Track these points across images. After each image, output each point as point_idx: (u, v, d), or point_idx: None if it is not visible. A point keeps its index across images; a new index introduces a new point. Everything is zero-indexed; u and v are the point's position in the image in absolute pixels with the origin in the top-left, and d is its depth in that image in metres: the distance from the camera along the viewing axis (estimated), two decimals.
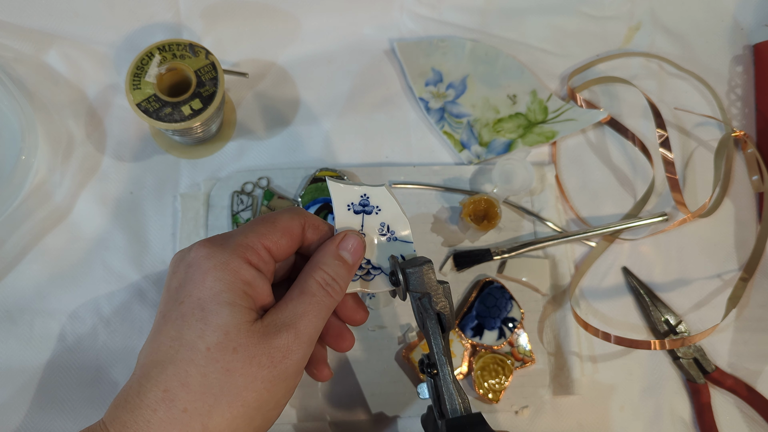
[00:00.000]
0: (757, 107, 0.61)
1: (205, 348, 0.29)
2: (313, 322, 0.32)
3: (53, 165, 0.54)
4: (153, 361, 0.30)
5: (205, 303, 0.30)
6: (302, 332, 0.32)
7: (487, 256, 0.53)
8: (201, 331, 0.30)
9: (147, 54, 0.48)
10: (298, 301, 0.32)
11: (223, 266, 0.31)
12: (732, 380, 0.52)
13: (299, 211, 0.36)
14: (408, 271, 0.35)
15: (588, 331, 0.50)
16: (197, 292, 0.31)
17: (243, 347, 0.30)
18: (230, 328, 0.30)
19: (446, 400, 0.34)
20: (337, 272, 0.34)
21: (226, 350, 0.30)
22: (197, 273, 0.31)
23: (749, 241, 0.57)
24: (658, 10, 0.64)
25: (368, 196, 0.37)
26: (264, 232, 0.33)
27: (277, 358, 0.31)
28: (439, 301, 0.36)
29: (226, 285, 0.31)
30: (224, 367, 0.29)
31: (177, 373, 0.29)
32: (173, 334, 0.30)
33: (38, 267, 0.51)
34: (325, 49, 0.60)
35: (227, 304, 0.30)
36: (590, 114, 0.58)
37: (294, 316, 0.32)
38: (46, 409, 0.48)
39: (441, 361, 0.35)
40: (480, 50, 0.60)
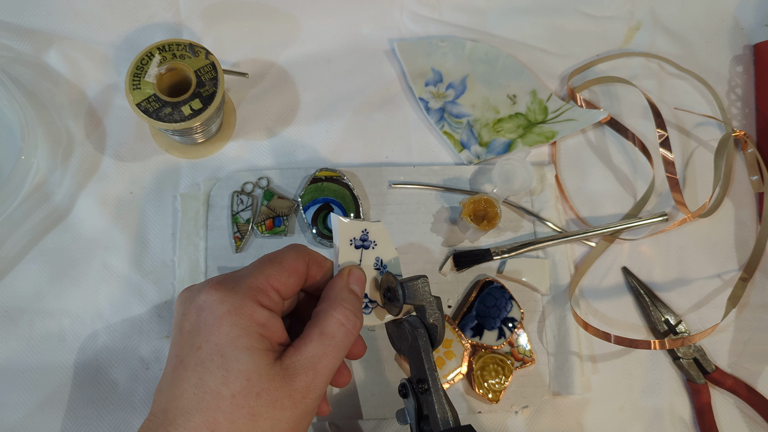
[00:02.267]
0: (757, 107, 0.61)
1: (230, 395, 0.30)
2: (331, 363, 0.33)
3: (53, 165, 0.54)
4: (177, 407, 0.31)
5: (224, 349, 0.31)
6: (321, 372, 0.33)
7: (487, 256, 0.53)
8: (224, 378, 0.30)
9: (147, 54, 0.48)
10: (318, 342, 0.33)
11: (237, 311, 0.32)
12: (732, 380, 0.52)
13: (303, 250, 0.37)
14: (405, 284, 0.37)
15: (588, 331, 0.50)
16: (214, 338, 0.31)
17: (266, 392, 0.31)
18: (252, 373, 0.31)
19: (438, 415, 0.36)
20: (355, 306, 0.35)
21: (250, 396, 0.30)
22: (211, 318, 0.32)
23: (749, 241, 0.57)
24: (658, 10, 0.64)
25: (368, 231, 0.38)
26: (272, 274, 0.34)
27: (297, 399, 0.31)
28: (432, 314, 0.38)
29: (243, 330, 0.31)
30: (250, 412, 0.30)
31: (206, 420, 0.30)
32: (195, 381, 0.31)
33: (38, 267, 0.51)
34: (325, 49, 0.60)
35: (246, 349, 0.31)
36: (590, 114, 0.58)
37: (314, 357, 0.33)
38: (46, 409, 0.48)
39: (432, 376, 0.37)
40: (480, 50, 0.60)
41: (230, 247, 0.52)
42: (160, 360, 0.50)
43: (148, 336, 0.50)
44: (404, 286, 0.37)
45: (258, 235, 0.53)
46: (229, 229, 0.53)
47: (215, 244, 0.52)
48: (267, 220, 0.53)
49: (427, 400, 0.37)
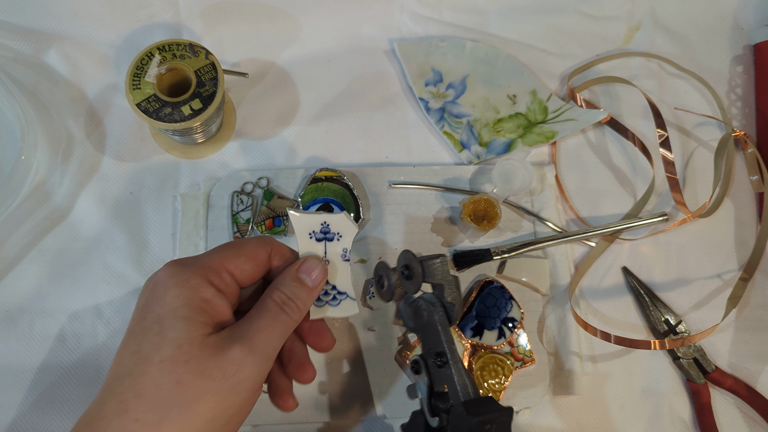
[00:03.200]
0: (757, 107, 0.61)
1: (159, 360, 0.30)
2: (268, 337, 0.33)
3: (53, 165, 0.54)
4: (114, 374, 0.31)
5: (163, 318, 0.31)
6: (257, 346, 0.32)
7: (487, 256, 0.53)
8: (157, 345, 0.31)
9: (147, 54, 0.48)
10: (255, 317, 0.33)
11: (183, 283, 0.32)
12: (732, 380, 0.52)
13: (267, 239, 0.37)
14: (425, 263, 0.37)
15: (588, 331, 0.50)
16: (157, 308, 0.32)
17: (195, 359, 0.30)
18: (183, 341, 0.31)
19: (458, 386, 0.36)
20: (294, 293, 0.35)
21: (178, 362, 0.30)
22: (160, 290, 0.32)
23: (749, 241, 0.57)
24: (658, 10, 0.64)
25: (328, 223, 0.38)
26: (228, 256, 0.35)
27: (229, 371, 0.31)
28: (451, 293, 0.38)
29: (184, 300, 0.32)
30: (176, 378, 0.30)
31: (132, 384, 0.30)
32: (133, 347, 0.31)
33: (38, 267, 0.51)
34: (325, 49, 0.60)
35: (183, 319, 0.31)
36: (590, 114, 0.58)
37: (249, 330, 0.32)
38: (45, 409, 0.48)
39: (452, 349, 0.37)
40: (480, 50, 0.60)
41: None
42: None
43: None
44: (424, 265, 0.37)
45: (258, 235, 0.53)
46: (229, 229, 0.53)
47: (215, 244, 0.52)
48: (267, 220, 0.53)
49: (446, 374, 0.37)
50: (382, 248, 0.53)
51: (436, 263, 0.38)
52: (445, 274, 0.38)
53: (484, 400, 0.36)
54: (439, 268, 0.38)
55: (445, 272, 0.38)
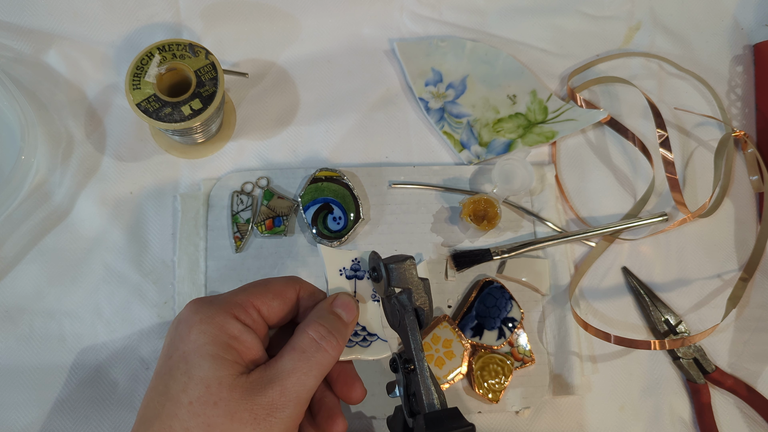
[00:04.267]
0: (757, 107, 0.61)
1: (187, 402, 0.29)
2: (302, 380, 0.31)
3: (53, 165, 0.54)
4: (142, 417, 0.30)
5: (189, 356, 0.30)
6: (289, 389, 0.30)
7: (487, 256, 0.53)
8: (184, 385, 0.30)
9: (147, 54, 0.48)
10: (288, 357, 0.31)
11: (208, 320, 0.31)
12: (732, 380, 0.52)
13: (294, 278, 0.36)
14: (390, 267, 0.36)
15: (588, 331, 0.50)
16: (183, 346, 0.31)
17: (224, 402, 0.29)
18: (211, 381, 0.30)
19: (423, 395, 0.34)
20: (333, 325, 0.33)
21: (207, 404, 0.29)
22: (184, 328, 0.31)
23: (749, 241, 0.57)
24: (658, 10, 0.64)
25: (359, 260, 0.37)
26: (255, 293, 0.33)
27: (260, 416, 0.29)
28: (419, 297, 0.36)
29: (210, 338, 0.31)
30: (205, 422, 0.29)
31: (162, 428, 0.29)
32: (161, 389, 0.30)
33: (38, 267, 0.51)
34: (325, 49, 0.60)
35: (210, 357, 0.30)
36: (590, 114, 0.58)
37: (282, 372, 0.31)
38: (45, 409, 0.48)
39: (419, 356, 0.35)
40: (480, 50, 0.60)
41: (230, 247, 0.52)
42: None
43: (148, 336, 0.50)
44: (389, 269, 0.35)
45: (258, 235, 0.53)
46: (229, 229, 0.53)
47: (215, 244, 0.52)
48: (267, 220, 0.53)
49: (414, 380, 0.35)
50: (382, 248, 0.53)
51: (401, 267, 0.36)
52: (412, 278, 0.36)
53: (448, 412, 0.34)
54: (404, 273, 0.36)
55: (412, 276, 0.36)
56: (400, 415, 0.38)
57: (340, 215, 0.53)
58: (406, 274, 0.36)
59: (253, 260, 0.52)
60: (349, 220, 0.53)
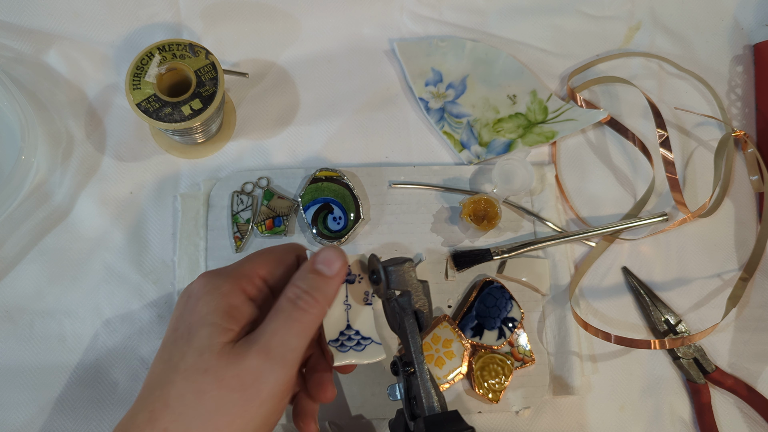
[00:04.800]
0: (757, 107, 0.61)
1: (183, 369, 0.30)
2: (284, 340, 0.31)
3: (53, 165, 0.54)
4: (146, 384, 0.31)
5: (192, 325, 0.31)
6: (274, 351, 0.30)
7: (487, 256, 0.53)
8: (183, 353, 0.30)
9: (147, 54, 0.48)
10: (268, 320, 0.32)
11: (214, 290, 0.32)
12: (732, 380, 0.52)
13: (295, 244, 0.37)
14: (389, 269, 0.36)
15: (588, 331, 0.50)
16: (189, 317, 0.32)
17: (213, 369, 0.30)
18: (204, 349, 0.30)
19: (423, 398, 0.35)
20: (310, 284, 0.33)
21: (198, 371, 0.30)
22: (193, 300, 0.32)
23: (749, 241, 0.57)
24: (658, 10, 0.64)
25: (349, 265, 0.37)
26: (259, 262, 0.34)
27: (247, 381, 0.29)
28: (418, 299, 0.37)
29: (213, 307, 0.31)
30: (197, 388, 0.29)
31: (161, 395, 0.30)
32: (165, 357, 0.31)
33: (38, 267, 0.51)
34: (325, 49, 0.60)
35: (209, 326, 0.31)
36: (590, 114, 0.58)
37: (264, 335, 0.31)
38: (46, 409, 0.48)
39: (419, 359, 0.36)
40: (480, 50, 0.60)
41: (230, 247, 0.52)
42: None
43: (148, 336, 0.50)
44: (388, 272, 0.36)
45: (258, 235, 0.53)
46: (229, 229, 0.53)
47: (215, 244, 0.52)
48: (267, 220, 0.53)
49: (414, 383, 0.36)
50: (382, 248, 0.53)
51: (400, 270, 0.36)
52: (411, 280, 0.36)
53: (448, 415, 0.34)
54: (404, 275, 0.36)
55: (411, 278, 0.36)
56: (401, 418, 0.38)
57: (340, 215, 0.53)
58: (405, 276, 0.36)
59: None
60: (349, 220, 0.53)
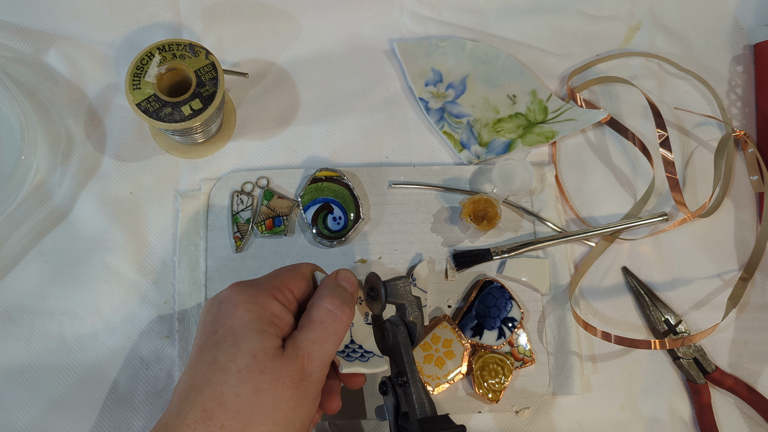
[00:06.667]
0: (758, 107, 0.61)
1: (236, 370, 0.33)
2: (324, 347, 0.35)
3: (53, 165, 0.54)
4: (191, 386, 0.33)
5: (236, 330, 0.34)
6: (315, 356, 0.35)
7: (487, 256, 0.53)
8: (233, 355, 0.33)
9: (147, 54, 0.48)
10: (310, 328, 0.36)
11: (252, 299, 0.35)
12: (732, 380, 0.52)
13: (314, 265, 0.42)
14: (388, 283, 0.40)
15: (588, 330, 0.50)
16: (229, 322, 0.34)
17: (269, 369, 0.33)
18: (258, 351, 0.33)
19: (415, 403, 0.38)
20: (343, 296, 0.37)
21: (254, 371, 0.33)
22: (229, 306, 0.35)
23: (749, 241, 0.57)
24: (658, 10, 0.64)
25: None
26: (287, 276, 0.38)
27: (296, 380, 0.34)
28: (412, 312, 0.40)
29: (255, 315, 0.35)
30: (254, 387, 0.32)
31: (213, 394, 0.32)
32: (209, 359, 0.34)
33: (38, 267, 0.51)
34: (325, 49, 0.60)
35: (256, 331, 0.34)
36: (590, 114, 0.58)
37: (307, 342, 0.35)
38: (46, 409, 0.48)
39: (412, 368, 0.39)
40: (480, 50, 0.60)
41: (230, 247, 0.52)
42: (160, 360, 0.50)
43: (148, 336, 0.50)
44: (387, 286, 0.40)
45: (258, 234, 0.53)
46: (229, 229, 0.53)
47: (215, 244, 0.52)
48: (267, 219, 0.53)
49: (406, 392, 0.39)
50: (382, 248, 0.53)
51: (398, 284, 0.40)
52: (407, 294, 0.40)
53: (440, 418, 0.38)
54: (401, 289, 0.40)
55: (407, 292, 0.40)
56: None
57: (340, 215, 0.53)
58: (401, 290, 0.40)
59: (253, 260, 0.52)
60: (349, 220, 0.53)
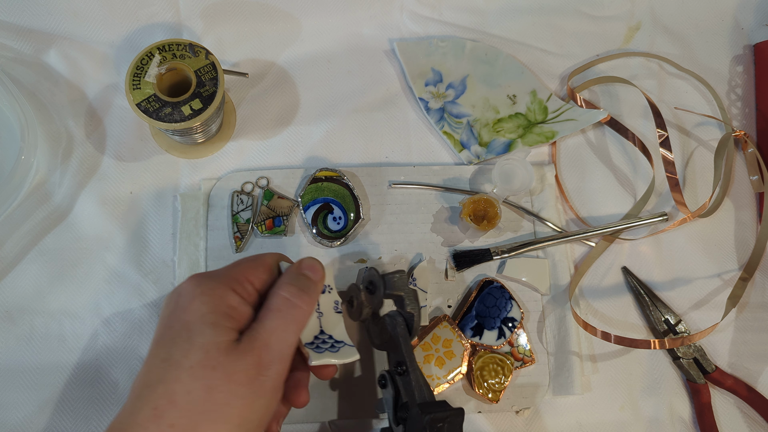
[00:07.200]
0: (757, 107, 0.61)
1: (189, 366, 0.31)
2: (282, 337, 0.34)
3: (53, 165, 0.54)
4: (143, 382, 0.32)
5: (191, 324, 0.32)
6: (273, 348, 0.33)
7: (487, 256, 0.53)
8: (186, 351, 0.32)
9: (147, 54, 0.48)
10: (267, 318, 0.34)
11: (209, 292, 0.34)
12: (732, 380, 0.52)
13: (278, 254, 0.40)
14: (386, 276, 0.41)
15: (588, 330, 0.50)
16: (185, 316, 0.33)
17: (222, 365, 0.31)
18: (210, 347, 0.32)
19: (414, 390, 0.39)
20: (303, 284, 0.36)
21: (206, 368, 0.31)
22: (186, 299, 0.34)
23: (749, 241, 0.57)
24: (658, 10, 0.64)
25: None
26: (248, 268, 0.37)
27: (252, 375, 0.32)
28: (410, 303, 0.41)
29: (211, 307, 0.33)
30: (206, 384, 0.31)
31: (165, 392, 0.31)
32: (163, 355, 0.32)
33: (38, 267, 0.51)
34: (325, 49, 0.60)
35: (210, 325, 0.32)
36: (590, 114, 0.58)
37: (264, 332, 0.34)
38: (46, 409, 0.48)
39: (411, 357, 0.40)
40: (480, 50, 0.60)
41: (230, 247, 0.52)
42: None
43: (148, 336, 0.50)
44: (385, 279, 0.41)
45: (258, 235, 0.53)
46: (229, 229, 0.53)
47: (215, 244, 0.52)
48: (267, 220, 0.53)
49: (405, 381, 0.39)
50: (382, 248, 0.53)
51: (395, 277, 0.41)
52: (404, 286, 0.41)
53: (439, 403, 0.38)
54: (398, 281, 0.41)
55: (404, 284, 0.41)
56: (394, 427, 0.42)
57: (340, 215, 0.53)
58: (399, 282, 0.41)
59: None
60: (349, 220, 0.53)
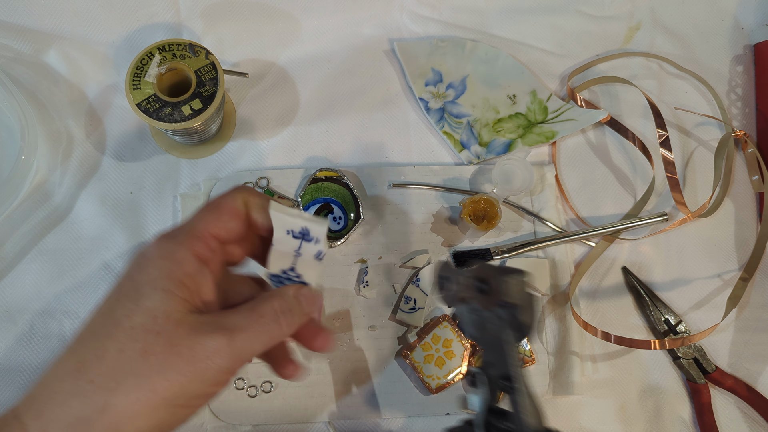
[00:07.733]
0: (758, 107, 0.61)
1: (129, 326, 0.29)
2: (249, 340, 0.31)
3: (53, 165, 0.54)
4: (78, 335, 0.30)
5: (140, 286, 0.30)
6: (236, 344, 0.31)
7: (487, 256, 0.53)
8: (130, 311, 0.30)
9: (147, 54, 0.48)
10: (245, 315, 0.32)
11: (168, 256, 0.31)
12: (732, 380, 0.52)
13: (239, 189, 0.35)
14: (503, 279, 0.34)
15: (588, 331, 0.50)
16: (138, 276, 0.31)
17: (167, 333, 0.29)
18: (159, 313, 0.30)
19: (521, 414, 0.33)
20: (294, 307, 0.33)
21: (149, 332, 0.29)
22: (143, 260, 0.32)
23: (749, 241, 0.57)
24: (658, 10, 0.64)
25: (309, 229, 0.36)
26: (210, 220, 0.33)
27: (199, 355, 0.30)
28: (524, 314, 0.35)
29: (165, 272, 0.31)
30: (143, 347, 0.29)
31: (95, 346, 0.29)
32: (105, 310, 0.30)
33: (38, 267, 0.51)
34: (325, 49, 0.60)
35: (162, 290, 0.30)
36: (590, 114, 0.58)
37: (235, 326, 0.31)
38: None
39: (519, 374, 0.34)
40: (480, 50, 0.60)
41: None
42: None
43: None
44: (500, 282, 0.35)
45: None
46: None
47: None
48: None
49: (512, 399, 0.34)
50: (382, 248, 0.53)
51: (511, 282, 0.34)
52: (522, 294, 0.35)
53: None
54: (514, 287, 0.34)
55: (521, 291, 0.35)
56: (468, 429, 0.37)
57: (340, 215, 0.53)
58: (515, 289, 0.35)
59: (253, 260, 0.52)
60: (349, 220, 0.53)
